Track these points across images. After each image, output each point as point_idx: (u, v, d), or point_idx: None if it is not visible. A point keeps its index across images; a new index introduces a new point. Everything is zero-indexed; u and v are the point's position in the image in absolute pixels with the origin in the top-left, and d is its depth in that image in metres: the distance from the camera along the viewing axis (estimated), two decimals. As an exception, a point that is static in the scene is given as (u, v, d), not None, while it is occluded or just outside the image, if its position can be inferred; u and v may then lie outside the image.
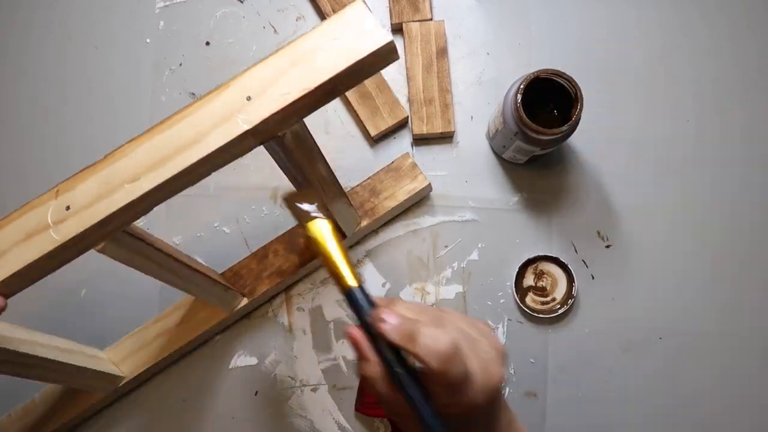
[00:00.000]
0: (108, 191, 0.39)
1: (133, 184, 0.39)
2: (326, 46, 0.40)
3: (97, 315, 0.66)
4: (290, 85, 0.39)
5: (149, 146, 0.39)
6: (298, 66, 0.40)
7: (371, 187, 0.66)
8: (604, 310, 0.66)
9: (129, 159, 0.39)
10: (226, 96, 0.40)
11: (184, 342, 0.63)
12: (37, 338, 0.50)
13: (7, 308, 0.40)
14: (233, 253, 0.67)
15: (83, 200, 0.39)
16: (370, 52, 0.39)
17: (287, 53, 0.40)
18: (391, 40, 0.40)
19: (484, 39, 0.72)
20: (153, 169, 0.39)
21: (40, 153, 0.70)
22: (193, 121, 0.39)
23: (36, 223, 0.39)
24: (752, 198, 0.68)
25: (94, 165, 0.40)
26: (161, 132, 0.40)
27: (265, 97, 0.39)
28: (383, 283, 0.66)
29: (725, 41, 0.72)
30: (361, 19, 0.40)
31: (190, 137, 0.39)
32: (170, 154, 0.39)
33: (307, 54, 0.40)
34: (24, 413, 0.61)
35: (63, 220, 0.39)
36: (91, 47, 0.73)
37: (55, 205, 0.39)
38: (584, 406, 0.64)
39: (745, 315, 0.65)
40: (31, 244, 0.38)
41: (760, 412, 0.63)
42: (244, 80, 0.40)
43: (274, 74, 0.40)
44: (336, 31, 0.40)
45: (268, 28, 0.73)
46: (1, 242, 0.39)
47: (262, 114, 0.39)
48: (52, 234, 0.38)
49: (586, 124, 0.63)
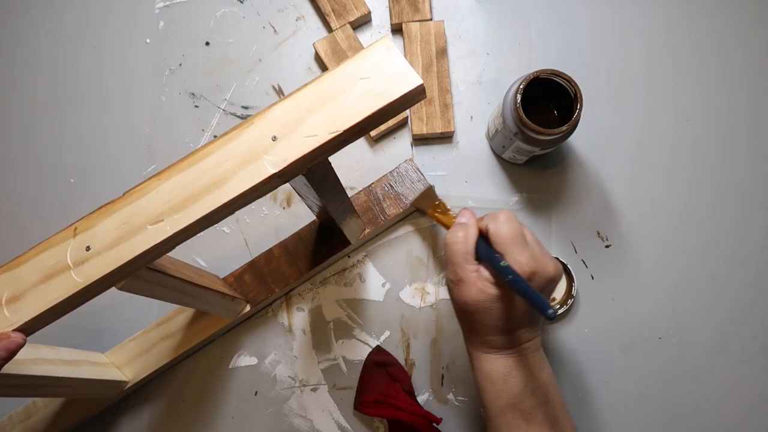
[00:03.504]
0: (130, 232, 0.37)
1: (156, 226, 0.37)
2: (354, 86, 0.38)
3: (97, 314, 0.66)
4: (317, 127, 0.38)
5: (171, 185, 0.38)
6: (324, 106, 0.38)
7: (374, 193, 0.66)
8: (603, 310, 0.66)
9: (150, 198, 0.38)
10: (251, 134, 0.38)
11: (187, 347, 0.63)
12: (42, 354, 0.49)
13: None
14: (233, 254, 0.67)
15: (104, 241, 0.37)
16: (401, 95, 0.38)
17: (313, 91, 0.39)
18: (422, 83, 0.39)
19: (484, 39, 0.72)
20: (177, 211, 0.37)
21: (40, 153, 0.70)
22: (216, 160, 0.38)
23: (54, 263, 0.37)
24: (752, 198, 0.68)
25: (113, 202, 0.38)
26: (183, 170, 0.38)
27: (291, 137, 0.38)
28: (383, 283, 0.67)
29: (726, 40, 0.72)
30: (389, 58, 0.39)
31: (214, 177, 0.38)
32: (194, 195, 0.38)
33: (334, 94, 0.38)
34: (25, 415, 0.61)
35: (84, 261, 0.37)
36: (91, 47, 0.73)
37: (74, 245, 0.38)
38: (584, 407, 0.64)
39: (745, 315, 0.65)
40: (52, 285, 0.37)
41: (761, 412, 0.63)
42: (269, 118, 0.39)
43: (300, 113, 0.38)
44: (364, 70, 0.38)
45: (268, 28, 0.73)
46: (20, 282, 0.37)
47: (289, 157, 0.38)
48: (74, 276, 0.37)
49: (586, 124, 0.63)
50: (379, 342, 0.65)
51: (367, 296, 0.66)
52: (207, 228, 0.40)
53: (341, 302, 0.66)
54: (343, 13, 0.71)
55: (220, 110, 0.71)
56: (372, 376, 0.62)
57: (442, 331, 0.65)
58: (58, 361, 0.51)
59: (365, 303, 0.66)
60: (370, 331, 0.65)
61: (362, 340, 0.65)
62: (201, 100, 0.71)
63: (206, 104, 0.71)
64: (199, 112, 0.71)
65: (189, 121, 0.71)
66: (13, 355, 0.37)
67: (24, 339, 0.38)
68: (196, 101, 0.71)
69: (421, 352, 0.65)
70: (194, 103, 0.71)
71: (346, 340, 0.65)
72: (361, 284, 0.67)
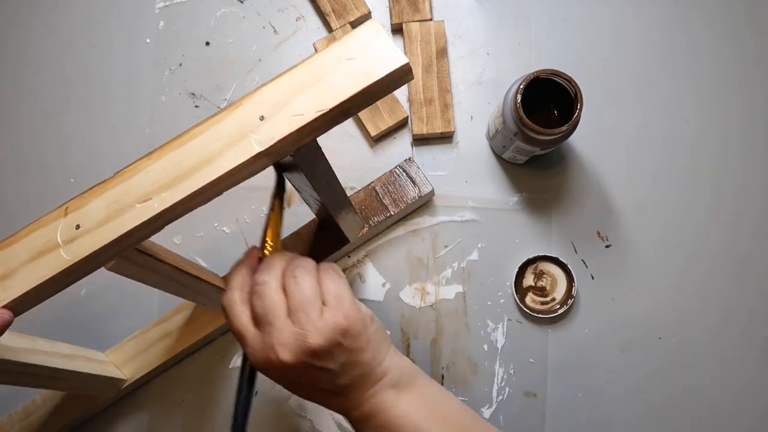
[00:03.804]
0: (119, 210, 0.38)
1: (144, 204, 0.38)
2: (341, 66, 0.39)
3: (97, 314, 0.66)
4: (304, 106, 0.39)
5: (161, 164, 0.38)
6: (312, 86, 0.39)
7: (374, 192, 0.66)
8: (603, 310, 0.66)
9: (140, 177, 0.38)
10: (239, 114, 0.39)
11: (186, 345, 0.63)
12: (39, 346, 0.50)
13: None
14: (233, 253, 0.66)
15: (94, 219, 0.38)
16: (386, 74, 0.39)
17: (300, 72, 0.39)
18: (407, 62, 0.39)
19: (484, 39, 0.72)
20: (165, 189, 0.38)
21: (39, 153, 0.70)
22: (205, 140, 0.39)
23: (45, 241, 0.38)
24: (752, 198, 0.68)
25: (104, 182, 0.39)
26: (173, 150, 0.39)
27: (278, 117, 0.39)
28: (383, 283, 0.67)
29: (726, 40, 0.72)
30: (376, 39, 0.39)
31: (202, 157, 0.38)
32: (183, 173, 0.38)
33: (321, 74, 0.39)
34: (24, 414, 0.61)
35: (73, 239, 0.38)
36: (91, 47, 0.73)
37: (64, 224, 0.38)
38: (584, 406, 0.64)
39: (745, 315, 0.65)
40: (41, 263, 0.37)
41: (760, 412, 0.63)
42: (257, 99, 0.39)
43: (287, 94, 0.39)
44: (350, 51, 0.39)
45: (268, 28, 0.73)
46: (10, 261, 0.38)
47: (276, 135, 0.38)
48: (63, 254, 0.37)
49: (586, 124, 0.63)
50: (379, 342, 0.65)
51: (367, 296, 0.66)
52: (196, 208, 0.40)
53: (341, 302, 0.66)
54: (343, 13, 0.71)
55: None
56: (372, 376, 0.62)
57: (442, 331, 0.65)
58: (55, 354, 0.51)
59: (365, 303, 0.66)
60: (370, 331, 0.65)
61: (362, 340, 0.65)
62: (201, 100, 0.71)
63: (206, 104, 0.71)
64: (199, 112, 0.71)
65: (189, 121, 0.70)
66: (1, 332, 0.37)
67: (11, 316, 0.37)
68: (196, 101, 0.71)
69: (421, 352, 0.65)
70: (194, 103, 0.71)
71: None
72: (361, 284, 0.67)
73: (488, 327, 0.65)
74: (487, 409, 0.64)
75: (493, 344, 0.65)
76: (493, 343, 0.65)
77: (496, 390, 0.64)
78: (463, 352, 0.65)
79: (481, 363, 0.65)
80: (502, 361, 0.65)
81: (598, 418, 0.64)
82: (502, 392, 0.64)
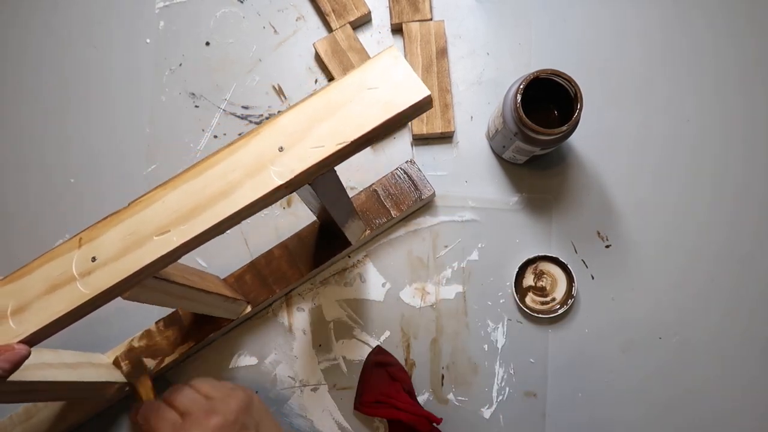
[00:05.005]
0: (136, 243, 0.37)
1: (162, 237, 0.37)
2: (361, 96, 0.38)
3: (97, 314, 0.66)
4: (324, 138, 0.37)
5: (178, 195, 0.37)
6: (332, 117, 0.38)
7: (375, 194, 0.66)
8: (603, 310, 0.66)
9: (156, 208, 0.37)
10: (257, 144, 0.38)
11: (188, 347, 0.62)
12: (45, 357, 0.49)
13: None
14: (234, 254, 0.67)
15: (110, 251, 0.37)
16: (408, 105, 0.38)
17: (320, 101, 0.38)
18: (429, 94, 0.38)
19: (484, 39, 0.72)
20: (183, 222, 0.37)
21: (39, 153, 0.70)
22: (223, 170, 0.38)
23: (60, 273, 0.37)
24: (753, 198, 0.68)
25: (118, 213, 0.38)
26: (190, 180, 0.38)
27: (297, 148, 0.38)
28: (383, 283, 0.67)
29: (726, 40, 0.72)
30: (395, 67, 0.38)
31: (220, 187, 0.37)
32: (200, 205, 0.37)
33: (341, 103, 0.38)
34: (26, 416, 0.61)
35: (90, 271, 0.37)
36: (91, 47, 0.73)
37: (79, 255, 0.37)
38: (584, 406, 0.64)
39: (746, 315, 0.65)
40: (57, 296, 0.37)
41: (761, 412, 0.63)
42: (276, 127, 0.38)
43: (306, 124, 0.38)
44: (370, 80, 0.38)
45: (268, 28, 0.73)
46: (25, 293, 0.37)
47: (296, 167, 0.37)
48: (80, 287, 0.37)
49: (586, 124, 0.63)
50: (379, 342, 0.65)
51: (368, 296, 0.66)
52: (213, 238, 0.39)
53: (341, 302, 0.66)
54: (343, 13, 0.71)
55: (220, 110, 0.71)
56: (372, 376, 0.62)
57: (442, 331, 0.65)
58: (60, 365, 0.51)
59: (365, 303, 0.66)
60: (370, 331, 0.65)
61: (362, 340, 0.65)
62: (201, 100, 0.71)
63: (206, 104, 0.71)
64: (199, 112, 0.71)
65: (189, 121, 0.71)
66: (16, 367, 0.36)
67: (28, 351, 0.37)
68: (196, 101, 0.71)
69: (421, 352, 0.65)
70: (194, 103, 0.71)
71: (347, 340, 0.65)
72: (362, 284, 0.67)
73: (488, 327, 0.65)
74: (487, 409, 0.64)
75: (493, 344, 0.65)
76: (493, 343, 0.65)
77: (496, 390, 0.64)
78: (463, 352, 0.65)
79: (481, 363, 0.65)
80: (502, 361, 0.65)
81: (598, 418, 0.64)
82: (502, 392, 0.64)
